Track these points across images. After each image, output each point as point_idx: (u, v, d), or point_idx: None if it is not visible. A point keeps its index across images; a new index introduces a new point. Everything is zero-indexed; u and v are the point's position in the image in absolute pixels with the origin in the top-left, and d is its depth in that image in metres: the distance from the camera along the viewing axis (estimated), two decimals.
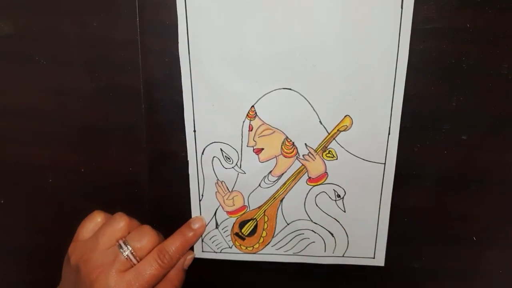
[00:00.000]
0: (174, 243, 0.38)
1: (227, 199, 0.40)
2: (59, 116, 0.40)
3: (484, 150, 0.38)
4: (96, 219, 0.38)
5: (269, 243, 0.41)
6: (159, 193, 0.41)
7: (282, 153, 0.38)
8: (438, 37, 0.35)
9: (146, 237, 0.37)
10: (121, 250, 0.36)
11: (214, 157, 0.39)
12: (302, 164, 0.39)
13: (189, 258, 0.40)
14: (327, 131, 0.37)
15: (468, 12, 0.35)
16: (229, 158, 0.39)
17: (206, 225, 0.41)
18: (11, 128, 0.40)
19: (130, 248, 0.36)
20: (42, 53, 0.38)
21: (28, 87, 0.39)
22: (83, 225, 0.38)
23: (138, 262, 0.36)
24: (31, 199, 0.42)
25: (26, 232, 0.44)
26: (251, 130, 0.38)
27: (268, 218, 0.41)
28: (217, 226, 0.41)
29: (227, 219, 0.41)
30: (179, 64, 0.37)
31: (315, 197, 0.40)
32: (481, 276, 0.42)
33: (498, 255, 0.41)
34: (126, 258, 0.36)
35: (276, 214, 0.40)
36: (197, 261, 0.42)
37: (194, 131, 0.38)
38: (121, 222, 0.37)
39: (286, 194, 0.40)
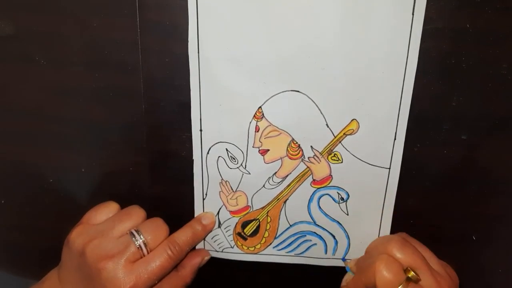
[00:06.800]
0: (184, 235, 0.38)
1: (230, 198, 0.40)
2: (59, 116, 0.39)
3: (484, 150, 0.38)
4: (112, 207, 0.38)
5: (270, 243, 0.42)
6: (159, 193, 0.41)
7: (287, 155, 0.39)
8: (437, 37, 0.35)
9: (159, 229, 0.37)
10: (134, 239, 0.35)
11: (219, 156, 0.39)
12: (307, 167, 0.39)
13: (206, 258, 0.41)
14: (333, 134, 0.38)
15: (468, 12, 0.35)
16: (234, 158, 0.39)
17: None
18: (11, 128, 0.40)
19: (143, 238, 0.36)
20: (42, 53, 0.38)
21: (28, 87, 0.39)
22: (96, 209, 0.38)
23: (148, 253, 0.36)
24: (31, 199, 0.42)
25: (26, 232, 0.44)
26: (258, 131, 0.38)
27: (271, 219, 0.41)
28: (219, 225, 0.41)
29: (229, 218, 0.41)
30: (180, 63, 0.37)
31: (319, 199, 0.40)
32: (481, 276, 0.42)
33: (497, 255, 0.41)
34: (138, 247, 0.35)
35: (279, 215, 0.40)
36: None
37: (201, 130, 0.38)
38: (140, 214, 0.37)
39: (290, 195, 0.40)
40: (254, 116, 0.38)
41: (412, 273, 0.33)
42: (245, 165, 0.39)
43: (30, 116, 0.40)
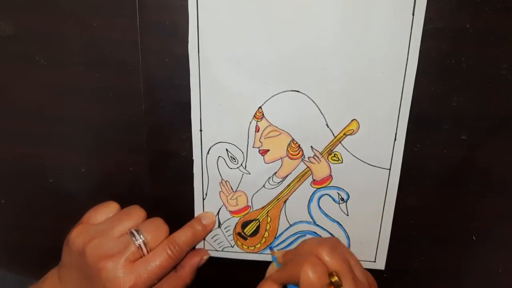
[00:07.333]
0: (184, 235, 0.38)
1: (230, 199, 0.40)
2: (59, 116, 0.39)
3: (483, 150, 0.38)
4: (112, 207, 0.38)
5: (271, 243, 0.42)
6: (159, 193, 0.41)
7: (287, 155, 0.39)
8: (437, 38, 0.35)
9: (159, 229, 0.37)
10: (134, 238, 0.35)
11: (219, 156, 0.39)
12: (307, 167, 0.39)
13: (204, 258, 0.41)
14: (334, 135, 0.38)
15: (468, 12, 0.35)
16: (234, 158, 0.39)
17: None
18: (11, 128, 0.40)
19: (143, 238, 0.36)
20: (42, 53, 0.38)
21: (28, 87, 0.39)
22: (96, 209, 0.38)
23: (148, 253, 0.36)
24: (31, 199, 0.42)
25: (26, 232, 0.44)
26: (258, 131, 0.38)
27: (270, 219, 0.41)
28: (219, 225, 0.41)
29: (229, 218, 0.41)
30: (180, 63, 0.37)
31: (319, 199, 0.40)
32: (481, 276, 0.42)
33: (497, 255, 0.41)
34: (138, 247, 0.35)
35: (279, 215, 0.40)
36: None
37: (201, 130, 0.38)
38: (140, 214, 0.37)
39: (290, 195, 0.40)
40: (254, 116, 0.38)
41: (336, 278, 0.33)
42: (245, 165, 0.39)
43: (30, 116, 0.40)
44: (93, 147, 0.40)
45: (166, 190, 0.41)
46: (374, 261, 0.41)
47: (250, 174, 0.39)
